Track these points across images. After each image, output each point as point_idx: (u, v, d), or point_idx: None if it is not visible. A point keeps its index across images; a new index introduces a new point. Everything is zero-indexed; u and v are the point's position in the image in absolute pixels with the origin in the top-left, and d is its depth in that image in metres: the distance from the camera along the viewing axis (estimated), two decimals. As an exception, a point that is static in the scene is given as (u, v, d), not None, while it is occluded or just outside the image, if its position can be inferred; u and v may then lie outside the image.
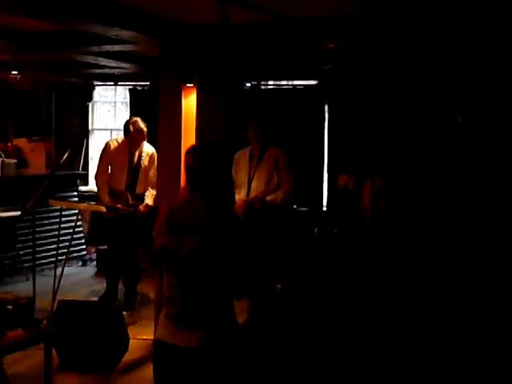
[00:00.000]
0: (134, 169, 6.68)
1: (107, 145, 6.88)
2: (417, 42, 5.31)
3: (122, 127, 6.90)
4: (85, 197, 8.78)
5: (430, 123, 6.54)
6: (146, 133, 6.60)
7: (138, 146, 6.65)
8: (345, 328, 4.89)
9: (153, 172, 6.64)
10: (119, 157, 6.69)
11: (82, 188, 9.41)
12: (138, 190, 6.66)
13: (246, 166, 6.15)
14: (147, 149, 6.77)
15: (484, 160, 5.88)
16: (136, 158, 6.68)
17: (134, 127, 6.56)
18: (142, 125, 6.56)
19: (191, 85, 5.50)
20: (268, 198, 6.03)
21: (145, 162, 6.70)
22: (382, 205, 5.57)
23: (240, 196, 6.08)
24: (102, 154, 6.86)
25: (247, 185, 6.12)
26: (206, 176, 3.00)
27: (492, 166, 5.83)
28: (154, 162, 6.67)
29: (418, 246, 5.39)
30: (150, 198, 6.58)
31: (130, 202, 6.50)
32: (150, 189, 6.63)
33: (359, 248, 5.36)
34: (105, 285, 6.88)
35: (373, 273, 5.17)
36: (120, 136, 6.82)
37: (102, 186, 6.68)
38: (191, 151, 3.11)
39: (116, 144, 6.81)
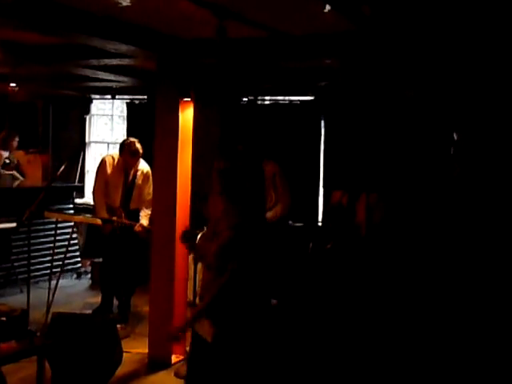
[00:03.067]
0: (129, 187, 6.72)
1: (103, 161, 6.90)
2: (412, 59, 5.35)
3: (118, 140, 6.97)
4: (80, 209, 8.78)
5: (425, 140, 6.57)
6: (140, 154, 6.64)
7: (133, 166, 6.69)
8: (340, 342, 4.89)
9: (147, 191, 6.67)
10: (114, 174, 6.72)
11: (78, 200, 9.42)
12: (132, 207, 6.70)
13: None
14: (142, 167, 6.80)
15: (480, 175, 5.90)
16: (131, 177, 6.72)
17: (129, 149, 6.59)
18: (137, 146, 6.59)
19: (188, 99, 5.53)
20: (267, 215, 6.04)
21: (139, 180, 6.74)
22: (376, 220, 5.59)
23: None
24: (97, 171, 6.88)
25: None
26: (240, 182, 3.18)
27: (488, 181, 5.85)
28: (148, 180, 6.72)
29: (412, 260, 5.40)
30: (144, 218, 6.60)
31: (124, 219, 6.54)
32: (144, 209, 6.65)
33: (353, 263, 5.38)
34: (99, 298, 6.87)
35: (367, 287, 5.18)
36: (116, 152, 6.85)
37: (100, 202, 6.70)
38: (223, 155, 3.36)
39: (112, 161, 6.82)
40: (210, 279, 3.26)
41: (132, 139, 6.73)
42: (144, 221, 6.56)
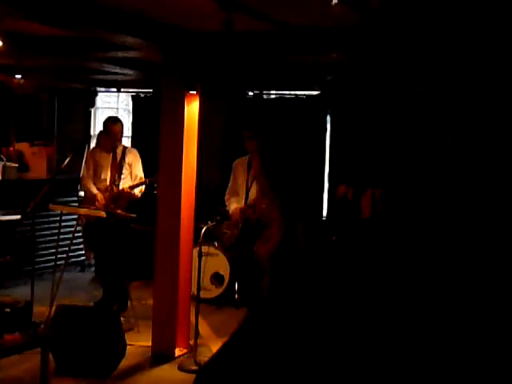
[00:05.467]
0: (118, 165, 6.79)
1: (92, 148, 7.30)
2: (420, 53, 5.32)
3: (124, 133, 7.14)
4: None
5: (432, 135, 6.54)
6: (117, 132, 6.80)
7: (117, 140, 6.85)
8: (346, 336, 4.86)
9: (137, 168, 6.88)
10: (103, 154, 6.88)
11: (83, 193, 9.41)
12: (122, 185, 6.78)
13: (244, 173, 6.18)
14: (130, 148, 7.13)
15: (481, 174, 5.87)
16: (119, 156, 6.82)
17: (104, 128, 6.86)
18: (110, 126, 6.79)
19: (194, 92, 5.51)
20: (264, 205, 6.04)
21: (129, 158, 6.86)
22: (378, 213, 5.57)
23: (238, 204, 6.10)
24: (86, 158, 7.15)
25: (245, 193, 6.14)
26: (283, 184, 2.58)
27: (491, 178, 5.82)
28: (137, 158, 6.92)
29: (417, 256, 5.37)
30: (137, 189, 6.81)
31: (115, 190, 6.65)
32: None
33: (357, 257, 5.35)
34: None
35: (371, 283, 5.15)
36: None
37: (89, 184, 6.84)
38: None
39: (100, 145, 7.08)
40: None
41: (110, 117, 7.04)
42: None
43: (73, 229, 7.04)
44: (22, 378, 4.83)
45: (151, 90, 9.14)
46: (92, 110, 10.19)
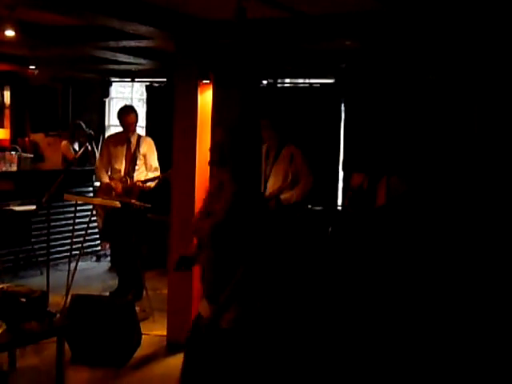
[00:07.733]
0: (133, 155, 6.76)
1: (107, 138, 7.30)
2: (435, 40, 5.26)
3: (138, 123, 7.10)
4: (100, 192, 8.79)
5: (447, 123, 6.48)
6: (131, 123, 6.78)
7: (132, 130, 6.81)
8: (353, 326, 4.86)
9: (152, 158, 6.84)
10: (117, 144, 6.84)
11: (97, 183, 9.43)
12: (137, 177, 6.73)
13: (262, 163, 6.14)
14: (145, 137, 7.05)
15: (501, 158, 5.80)
16: (134, 146, 6.78)
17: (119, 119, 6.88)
18: (124, 114, 6.81)
19: (207, 81, 5.49)
20: (282, 196, 6.01)
21: (143, 149, 6.82)
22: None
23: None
24: (101, 148, 7.06)
25: (263, 182, 6.11)
26: (237, 152, 3.05)
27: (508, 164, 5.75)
28: (152, 148, 6.88)
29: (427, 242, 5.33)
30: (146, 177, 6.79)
31: (129, 183, 6.62)
32: (149, 173, 6.83)
33: (372, 246, 5.33)
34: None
35: (381, 270, 5.13)
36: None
37: (102, 174, 6.83)
38: (221, 127, 3.22)
39: (115, 135, 7.11)
40: (208, 259, 3.09)
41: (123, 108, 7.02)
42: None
43: (88, 219, 7.07)
44: (37, 367, 4.86)
45: (165, 80, 9.12)
46: (106, 101, 10.20)
